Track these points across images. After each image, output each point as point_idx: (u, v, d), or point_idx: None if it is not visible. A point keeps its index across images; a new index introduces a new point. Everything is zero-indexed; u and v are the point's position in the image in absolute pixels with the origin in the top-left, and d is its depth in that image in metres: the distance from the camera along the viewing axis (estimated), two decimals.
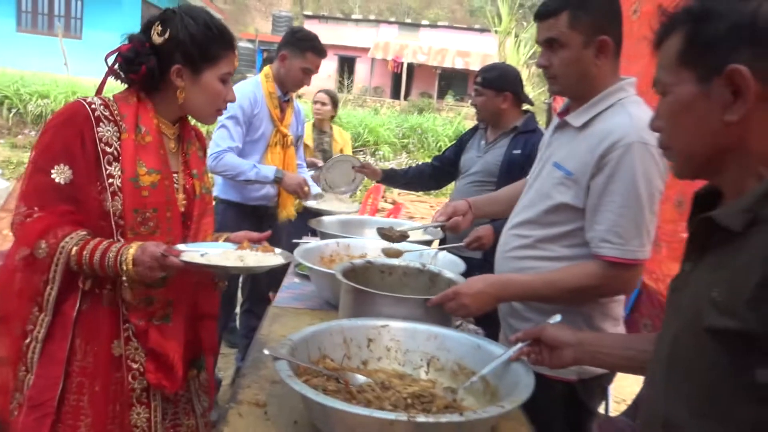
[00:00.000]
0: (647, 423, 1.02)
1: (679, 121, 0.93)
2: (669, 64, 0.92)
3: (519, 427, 1.38)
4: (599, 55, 1.53)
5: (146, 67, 1.41)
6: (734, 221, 0.85)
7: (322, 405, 1.08)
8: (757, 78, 0.82)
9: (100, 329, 1.42)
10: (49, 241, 1.33)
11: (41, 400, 1.36)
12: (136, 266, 1.32)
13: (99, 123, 1.38)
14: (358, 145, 13.26)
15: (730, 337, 0.82)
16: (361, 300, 1.64)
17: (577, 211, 1.55)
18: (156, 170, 1.44)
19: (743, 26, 0.83)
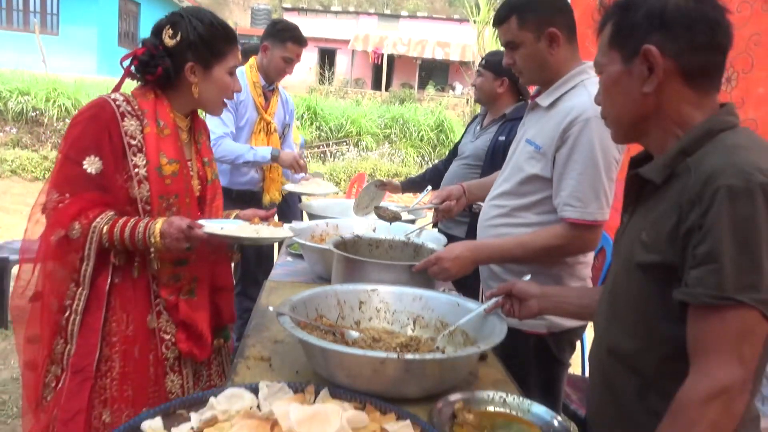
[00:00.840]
0: (596, 349, 1.21)
1: (610, 94, 1.12)
2: (603, 48, 1.11)
3: (497, 374, 1.54)
4: (552, 45, 1.71)
5: (162, 68, 1.55)
6: (656, 175, 1.05)
7: (323, 349, 1.24)
8: (665, 56, 1.02)
9: (136, 303, 1.56)
10: (82, 222, 1.46)
11: (81, 366, 1.50)
12: (163, 238, 1.46)
13: (123, 118, 1.52)
14: (341, 136, 13.39)
15: (655, 269, 1.02)
16: (352, 268, 1.80)
17: (545, 181, 1.72)
18: (175, 160, 1.58)
19: (655, 14, 1.03)
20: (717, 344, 0.92)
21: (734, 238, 0.91)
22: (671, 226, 0.99)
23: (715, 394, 0.90)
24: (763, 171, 0.92)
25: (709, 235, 0.92)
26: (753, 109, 1.99)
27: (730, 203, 0.91)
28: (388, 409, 1.19)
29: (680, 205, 0.97)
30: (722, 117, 1.04)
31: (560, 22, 1.71)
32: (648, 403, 1.07)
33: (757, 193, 0.90)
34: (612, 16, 1.10)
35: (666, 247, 1.00)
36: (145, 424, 1.08)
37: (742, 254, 0.90)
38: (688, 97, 1.05)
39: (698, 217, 0.94)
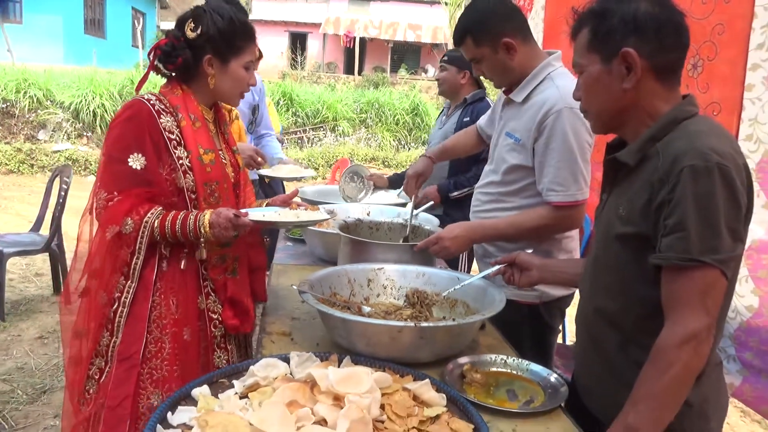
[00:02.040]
0: (582, 311, 1.39)
1: (592, 92, 1.28)
2: (582, 51, 1.27)
3: (495, 341, 1.72)
4: (510, 52, 1.86)
5: (182, 59, 1.64)
6: (630, 159, 1.23)
7: (344, 320, 1.40)
8: (641, 56, 1.18)
9: (187, 288, 1.66)
10: (134, 218, 1.56)
11: (128, 354, 1.59)
12: (212, 228, 1.56)
13: (160, 115, 1.61)
14: (317, 121, 13.43)
15: (631, 239, 1.21)
16: (358, 249, 1.94)
17: (527, 169, 1.89)
18: (210, 149, 1.68)
19: (628, 20, 1.19)
20: (686, 299, 1.10)
21: (697, 210, 1.08)
22: (644, 202, 1.17)
23: (687, 339, 1.08)
24: (719, 153, 1.09)
25: (677, 208, 1.10)
26: (717, 93, 2.17)
27: (693, 181, 1.08)
28: (405, 372, 1.34)
29: (651, 184, 1.15)
30: (685, 107, 1.22)
31: (512, 30, 1.86)
32: (629, 355, 1.25)
33: (715, 171, 1.08)
34: (587, 22, 1.25)
35: (640, 219, 1.18)
36: (195, 391, 1.22)
37: (704, 223, 1.08)
38: (659, 91, 1.22)
39: (667, 194, 1.11)
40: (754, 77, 2.01)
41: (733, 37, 2.10)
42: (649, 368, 1.12)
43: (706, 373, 1.21)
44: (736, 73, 2.09)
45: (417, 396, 1.23)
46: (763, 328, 2.02)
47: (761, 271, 2.01)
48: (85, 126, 11.01)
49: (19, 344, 3.66)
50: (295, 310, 1.80)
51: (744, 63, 2.05)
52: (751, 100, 2.02)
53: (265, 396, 1.19)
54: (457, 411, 1.23)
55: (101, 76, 11.96)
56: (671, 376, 1.08)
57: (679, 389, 1.10)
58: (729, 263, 1.10)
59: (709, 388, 1.24)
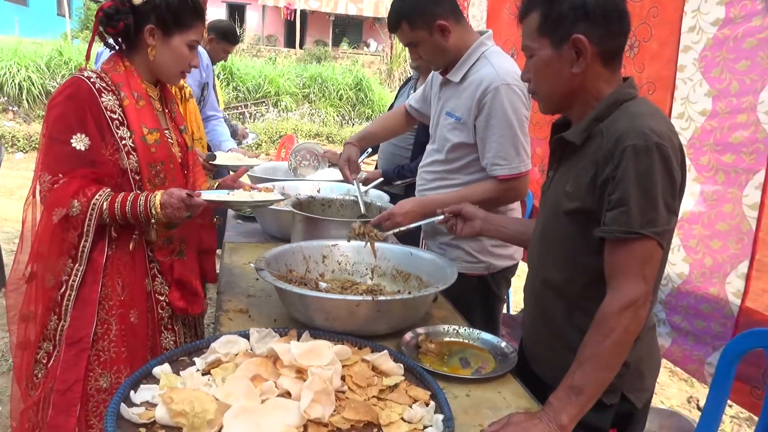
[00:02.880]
0: (530, 281, 1.47)
1: (543, 75, 1.33)
2: (532, 35, 1.31)
3: (447, 312, 1.78)
4: (444, 34, 1.91)
5: (123, 24, 1.59)
6: (576, 138, 1.30)
7: (302, 296, 1.42)
8: (591, 42, 1.24)
9: (134, 270, 1.64)
10: (81, 200, 1.51)
11: (78, 338, 1.56)
12: (164, 209, 1.53)
13: (101, 94, 1.56)
14: (258, 96, 13.16)
15: (577, 214, 1.29)
16: (312, 226, 1.96)
17: (470, 147, 1.95)
18: (155, 129, 1.64)
19: (578, 6, 1.24)
20: (627, 268, 1.19)
21: (638, 186, 1.16)
22: (589, 179, 1.24)
23: (627, 305, 1.17)
24: (658, 133, 1.17)
25: (620, 184, 1.18)
26: (652, 73, 2.28)
27: (635, 159, 1.16)
28: (363, 344, 1.39)
29: (596, 162, 1.23)
30: (625, 89, 1.30)
31: (444, 12, 1.90)
32: (574, 321, 1.34)
33: (654, 150, 1.16)
34: (537, 6, 1.30)
35: (585, 195, 1.26)
36: (156, 369, 1.22)
37: (644, 198, 1.17)
38: (604, 75, 1.29)
39: (611, 171, 1.19)
40: (685, 58, 2.13)
41: (666, 19, 2.21)
42: (592, 332, 1.20)
43: (640, 336, 1.31)
44: (669, 53, 2.21)
45: (376, 367, 1.28)
46: (692, 294, 2.18)
47: (691, 241, 2.16)
48: (11, 100, 10.40)
49: None
50: (250, 287, 1.81)
51: (676, 44, 2.16)
52: (683, 80, 2.14)
53: (228, 372, 1.20)
54: (414, 379, 1.28)
55: (26, 46, 11.27)
56: (613, 340, 1.17)
57: (620, 351, 1.19)
58: (665, 235, 1.20)
59: (644, 349, 1.35)
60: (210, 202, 1.59)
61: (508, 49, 3.30)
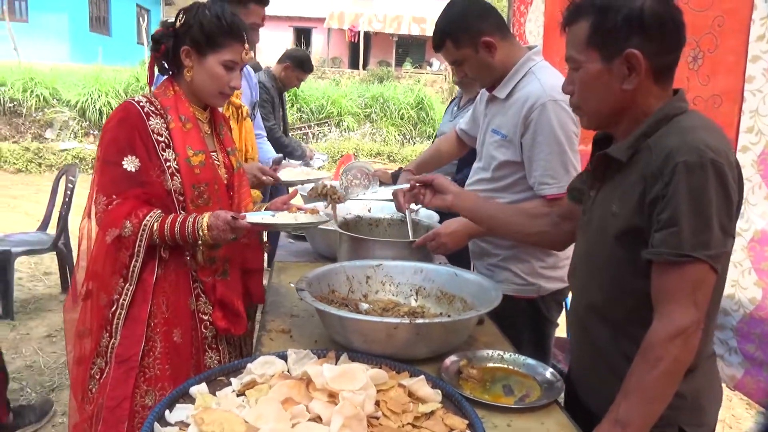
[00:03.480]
0: (575, 306, 1.40)
1: (590, 90, 1.25)
2: (579, 46, 1.23)
3: (493, 336, 1.72)
4: (491, 50, 1.86)
5: (165, 47, 1.67)
6: (622, 155, 1.22)
7: (341, 317, 1.40)
8: (645, 57, 1.16)
9: (178, 289, 1.68)
10: (133, 221, 1.57)
11: (127, 356, 1.61)
12: (210, 231, 1.57)
13: (149, 117, 1.63)
14: (322, 117, 13.44)
15: (625, 235, 1.21)
16: (357, 246, 1.95)
17: (516, 165, 1.89)
18: (201, 151, 1.68)
19: (633, 18, 1.15)
20: (676, 293, 1.11)
21: (690, 205, 1.08)
22: (638, 197, 1.16)
23: (676, 334, 1.09)
24: (712, 148, 1.09)
25: (670, 203, 1.10)
26: (718, 85, 2.15)
27: (687, 176, 1.08)
28: (402, 368, 1.35)
29: (645, 179, 1.15)
30: (675, 103, 1.21)
31: (489, 28, 1.86)
32: (621, 348, 1.25)
33: (708, 167, 1.07)
34: (588, 15, 1.20)
35: (634, 214, 1.17)
36: (193, 389, 1.23)
37: (697, 218, 1.08)
38: (655, 91, 1.21)
39: (661, 189, 1.11)
40: (754, 69, 2.00)
41: (733, 28, 2.08)
42: (639, 362, 1.12)
43: (699, 366, 1.21)
44: (737, 64, 2.07)
45: (412, 392, 1.24)
46: (766, 320, 2.01)
47: (764, 263, 2.00)
48: (92, 124, 11.07)
49: (28, 343, 3.71)
50: (294, 307, 1.82)
51: (744, 54, 2.03)
52: (752, 92, 2.01)
53: (262, 393, 1.20)
54: (452, 407, 1.23)
55: (107, 73, 12.01)
56: (661, 370, 1.09)
57: (669, 383, 1.10)
58: (719, 258, 1.11)
59: (703, 380, 1.25)
60: (254, 224, 1.62)
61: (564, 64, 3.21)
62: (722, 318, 2.17)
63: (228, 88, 1.73)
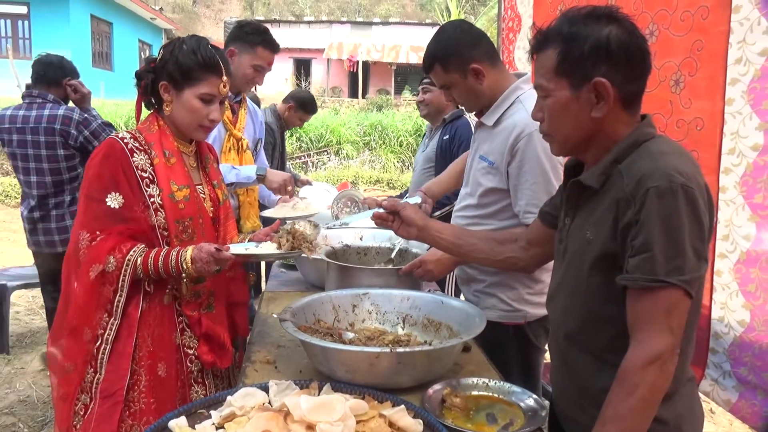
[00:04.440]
0: (554, 335, 1.40)
1: (559, 117, 1.26)
2: (548, 74, 1.24)
3: (480, 363, 1.71)
4: (478, 77, 1.89)
5: (144, 83, 1.70)
6: (594, 182, 1.23)
7: (323, 348, 1.40)
8: (613, 86, 1.17)
9: (162, 323, 1.68)
10: (116, 256, 1.58)
11: (112, 391, 1.61)
12: (194, 263, 1.59)
13: (133, 154, 1.64)
14: (321, 145, 13.54)
15: (600, 262, 1.20)
16: (344, 274, 1.96)
17: (502, 192, 1.90)
18: (185, 185, 1.70)
19: (600, 47, 1.17)
20: (651, 319, 1.10)
21: (663, 230, 1.08)
22: (611, 222, 1.17)
23: (652, 360, 1.08)
24: (682, 173, 1.10)
25: (643, 228, 1.10)
26: (699, 108, 2.17)
27: (659, 202, 1.09)
28: (385, 398, 1.35)
29: (617, 204, 1.15)
30: (644, 129, 1.22)
31: (479, 56, 1.88)
32: (601, 378, 1.22)
33: (679, 192, 1.08)
34: (555, 44, 1.21)
35: (608, 240, 1.18)
36: (172, 423, 1.23)
37: (670, 244, 1.08)
38: (623, 118, 1.22)
39: (633, 214, 1.12)
40: (733, 91, 2.02)
41: (712, 52, 2.11)
42: (615, 389, 1.11)
43: (678, 392, 1.21)
44: (717, 87, 2.10)
45: (393, 422, 1.23)
46: (756, 343, 2.00)
47: (750, 285, 1.99)
48: None
49: (23, 377, 3.69)
50: (281, 338, 1.81)
51: (723, 78, 2.06)
52: (732, 114, 2.03)
53: (241, 426, 1.20)
54: None
55: (108, 107, 12.16)
56: (637, 397, 1.08)
57: (646, 409, 1.09)
58: (693, 283, 1.11)
59: (683, 405, 1.24)
60: (238, 255, 1.62)
61: None
62: (714, 341, 2.15)
63: (207, 120, 1.73)
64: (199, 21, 34.24)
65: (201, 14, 35.38)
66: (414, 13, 34.01)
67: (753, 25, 1.92)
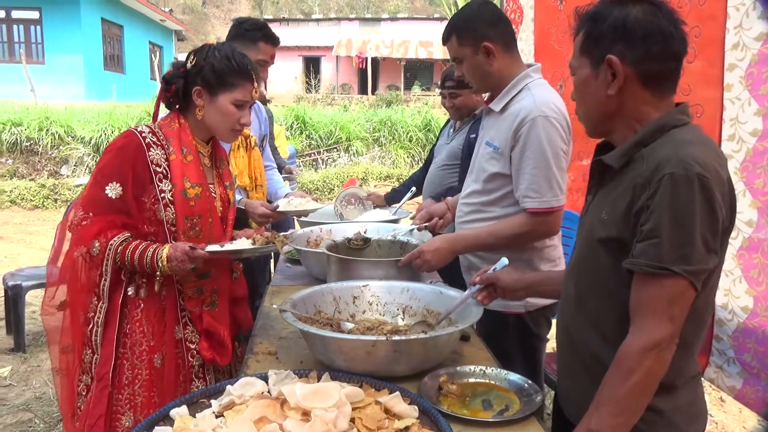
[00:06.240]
0: (565, 310, 1.40)
1: (581, 95, 1.29)
2: (576, 53, 1.28)
3: (478, 351, 1.73)
4: (489, 57, 1.91)
5: (175, 87, 1.73)
6: (615, 161, 1.23)
7: (321, 337, 1.43)
8: (626, 63, 1.18)
9: (163, 315, 1.72)
10: (101, 241, 1.64)
11: (102, 374, 1.66)
12: (170, 262, 1.63)
13: (149, 148, 1.68)
14: (330, 142, 13.57)
15: (610, 243, 1.21)
16: (345, 267, 1.98)
17: (506, 178, 1.91)
18: (198, 184, 1.74)
19: (617, 26, 1.18)
20: (653, 306, 1.11)
21: (672, 217, 1.08)
22: (625, 206, 1.17)
23: (650, 347, 1.09)
24: (701, 163, 1.08)
25: (653, 214, 1.10)
26: (699, 95, 2.17)
27: (672, 189, 1.08)
28: (382, 386, 1.37)
29: (633, 188, 1.15)
30: (675, 115, 1.21)
31: (495, 36, 1.90)
32: (605, 361, 1.21)
33: (695, 181, 1.07)
34: (583, 25, 1.26)
35: (620, 223, 1.18)
36: (173, 411, 1.26)
37: (678, 232, 1.08)
38: (646, 98, 1.21)
39: (646, 199, 1.12)
40: (731, 77, 2.02)
41: (710, 38, 2.11)
42: (611, 373, 1.13)
43: (678, 386, 1.21)
44: (715, 73, 2.10)
45: (388, 409, 1.26)
46: (759, 329, 2.00)
47: (753, 271, 1.99)
48: None
49: (39, 374, 3.76)
50: (283, 330, 1.84)
51: (721, 64, 2.06)
52: (731, 100, 2.02)
53: (240, 414, 1.22)
54: (429, 422, 1.24)
55: (120, 110, 12.29)
56: (633, 383, 1.09)
57: (641, 395, 1.10)
58: (699, 275, 1.10)
59: (683, 399, 1.24)
60: (212, 253, 1.66)
61: (555, 81, 3.25)
62: (718, 328, 2.15)
63: (239, 124, 1.79)
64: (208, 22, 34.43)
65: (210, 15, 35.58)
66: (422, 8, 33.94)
67: (749, 9, 1.92)
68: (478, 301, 1.65)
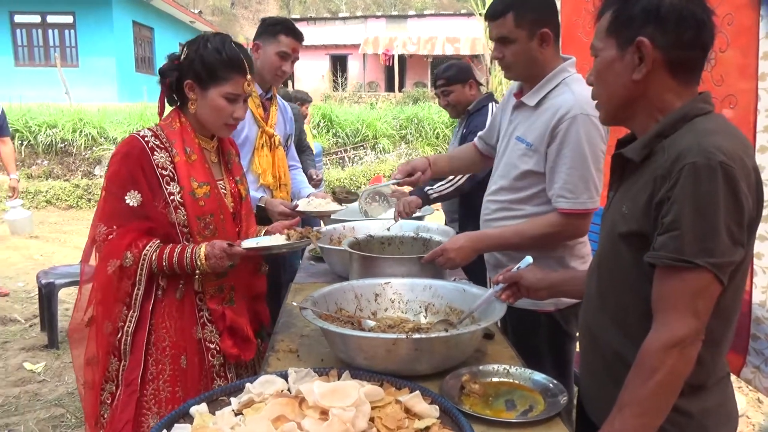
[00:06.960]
0: (587, 304, 1.36)
1: (603, 77, 1.23)
2: (601, 34, 1.22)
3: (503, 350, 1.69)
4: (543, 44, 1.83)
5: (169, 80, 1.72)
6: (635, 154, 1.19)
7: (342, 335, 1.42)
8: (656, 47, 1.14)
9: (182, 318, 1.72)
10: (134, 251, 1.63)
11: (130, 380, 1.67)
12: (208, 260, 1.63)
13: (153, 152, 1.67)
14: (357, 140, 13.58)
15: (632, 237, 1.17)
16: (367, 264, 1.97)
17: (539, 176, 1.86)
18: (206, 182, 1.73)
19: (651, 9, 1.14)
20: (676, 301, 1.06)
21: (695, 209, 1.04)
22: (646, 199, 1.13)
23: (673, 344, 1.05)
24: (724, 152, 1.04)
25: (674, 206, 1.06)
26: (732, 85, 2.09)
27: (694, 179, 1.04)
28: (403, 384, 1.35)
29: (654, 180, 1.11)
30: (697, 104, 1.16)
31: (552, 23, 1.84)
32: (628, 360, 1.17)
33: (718, 171, 1.02)
34: (612, 5, 1.21)
35: (641, 217, 1.14)
36: (193, 409, 1.26)
37: (701, 223, 1.03)
38: (671, 86, 1.17)
39: (667, 191, 1.07)
40: (766, 66, 1.93)
41: (743, 26, 2.03)
42: (634, 373, 1.09)
43: (708, 386, 1.16)
44: (749, 63, 2.01)
45: (408, 408, 1.24)
46: None
47: None
48: None
49: (71, 371, 3.83)
50: (305, 327, 1.84)
51: (756, 52, 1.97)
52: (766, 90, 1.94)
53: (258, 412, 1.22)
54: (450, 422, 1.22)
55: (151, 110, 12.49)
56: (656, 382, 1.05)
57: (665, 395, 1.06)
58: (724, 268, 1.05)
59: (713, 401, 1.19)
60: (249, 249, 1.66)
61: (585, 74, 3.18)
62: (755, 327, 2.08)
63: (231, 119, 1.75)
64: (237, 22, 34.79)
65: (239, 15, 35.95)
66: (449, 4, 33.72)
67: None
68: (501, 300, 1.62)
